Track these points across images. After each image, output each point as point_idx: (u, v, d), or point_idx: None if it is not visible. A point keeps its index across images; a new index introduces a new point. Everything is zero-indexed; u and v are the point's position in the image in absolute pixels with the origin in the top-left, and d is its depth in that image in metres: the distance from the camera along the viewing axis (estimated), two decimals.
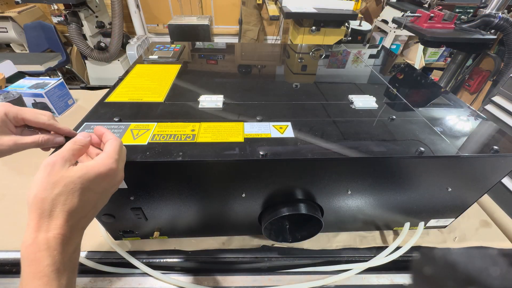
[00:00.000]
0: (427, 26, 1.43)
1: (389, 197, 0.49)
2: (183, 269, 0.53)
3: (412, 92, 0.62)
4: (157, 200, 0.45)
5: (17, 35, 2.16)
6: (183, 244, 0.55)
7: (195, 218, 0.51)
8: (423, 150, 0.41)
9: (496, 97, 1.15)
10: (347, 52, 0.86)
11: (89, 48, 2.06)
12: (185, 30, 2.39)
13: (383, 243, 0.57)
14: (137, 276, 0.50)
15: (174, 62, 0.70)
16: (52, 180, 0.27)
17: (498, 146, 0.43)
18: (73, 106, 0.96)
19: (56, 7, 2.25)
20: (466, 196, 0.51)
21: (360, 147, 0.42)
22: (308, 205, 0.47)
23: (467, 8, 1.81)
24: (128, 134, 0.42)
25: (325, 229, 0.51)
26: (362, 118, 0.49)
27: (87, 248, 0.53)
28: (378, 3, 2.64)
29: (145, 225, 0.50)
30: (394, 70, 0.76)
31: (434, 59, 2.49)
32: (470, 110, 0.54)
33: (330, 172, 0.43)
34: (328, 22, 1.74)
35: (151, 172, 0.40)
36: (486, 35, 1.35)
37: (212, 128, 0.44)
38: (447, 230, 0.60)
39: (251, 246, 0.55)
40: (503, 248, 0.57)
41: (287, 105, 0.53)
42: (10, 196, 0.61)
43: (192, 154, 0.39)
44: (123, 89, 0.56)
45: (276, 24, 2.84)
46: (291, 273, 0.53)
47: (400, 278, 0.53)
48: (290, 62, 0.79)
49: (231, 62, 0.78)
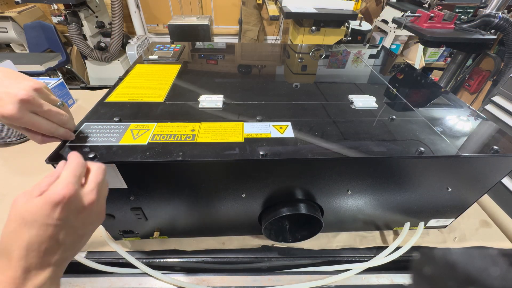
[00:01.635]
0: (427, 26, 1.43)
1: (389, 197, 0.49)
2: (183, 269, 0.53)
3: (412, 92, 0.62)
4: (157, 200, 0.45)
5: (17, 35, 2.16)
6: (183, 244, 0.55)
7: (195, 218, 0.51)
8: (423, 150, 0.41)
9: (496, 97, 1.15)
10: (347, 52, 0.86)
11: (89, 48, 2.06)
12: (185, 30, 2.39)
13: (383, 243, 0.57)
14: (137, 276, 0.50)
15: (174, 62, 0.70)
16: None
17: (498, 146, 0.43)
18: (73, 106, 0.96)
19: (56, 7, 2.25)
20: (466, 196, 0.51)
21: (360, 147, 0.42)
22: (308, 205, 0.47)
23: (467, 8, 1.81)
24: (128, 134, 0.42)
25: (325, 229, 0.51)
26: (362, 118, 0.49)
27: (87, 248, 0.53)
28: (378, 3, 2.64)
29: (145, 225, 0.50)
30: (394, 70, 0.76)
31: (434, 59, 2.49)
32: (470, 110, 0.54)
33: (330, 172, 0.43)
34: (328, 22, 1.74)
35: (151, 172, 0.40)
36: (486, 35, 1.35)
37: (212, 128, 0.44)
38: (447, 230, 0.60)
39: (251, 246, 0.55)
40: (503, 248, 0.57)
41: (287, 105, 0.53)
42: (10, 196, 0.61)
43: (192, 154, 0.39)
44: (123, 89, 0.56)
45: (276, 24, 2.84)
46: (291, 273, 0.53)
47: (400, 278, 0.53)
48: (290, 62, 0.79)
49: (231, 62, 0.78)
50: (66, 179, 0.27)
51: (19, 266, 0.24)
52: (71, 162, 0.29)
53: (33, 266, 0.25)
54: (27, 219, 0.25)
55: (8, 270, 0.24)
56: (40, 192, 0.26)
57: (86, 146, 0.39)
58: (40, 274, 0.25)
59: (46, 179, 0.28)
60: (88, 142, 0.40)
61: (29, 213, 0.25)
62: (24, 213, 0.25)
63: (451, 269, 0.39)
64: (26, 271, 0.24)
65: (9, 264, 0.24)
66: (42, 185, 0.27)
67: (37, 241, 0.25)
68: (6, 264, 0.24)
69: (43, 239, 0.25)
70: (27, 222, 0.25)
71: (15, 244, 0.25)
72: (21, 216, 0.25)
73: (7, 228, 0.25)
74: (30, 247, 0.25)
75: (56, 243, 0.26)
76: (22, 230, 0.25)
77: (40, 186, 0.27)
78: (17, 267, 0.24)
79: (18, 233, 0.25)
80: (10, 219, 0.25)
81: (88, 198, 0.28)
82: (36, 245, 0.25)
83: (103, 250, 0.53)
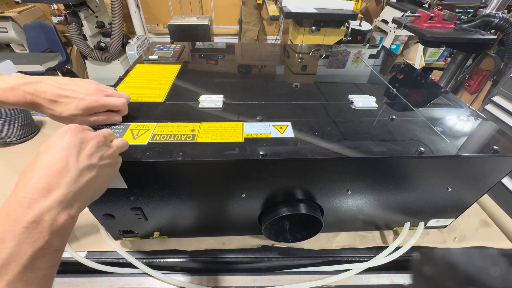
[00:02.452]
0: (427, 26, 1.43)
1: (389, 197, 0.49)
2: (183, 269, 0.53)
3: (412, 92, 0.62)
4: (157, 200, 0.45)
5: (17, 35, 2.16)
6: (183, 244, 0.55)
7: (195, 218, 0.51)
8: (423, 150, 0.41)
9: (496, 97, 1.15)
10: (347, 52, 0.86)
11: (89, 48, 2.06)
12: (185, 30, 2.39)
13: (383, 243, 0.57)
14: (137, 276, 0.51)
15: (174, 62, 0.70)
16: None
17: (498, 146, 0.43)
18: None
19: (56, 7, 2.25)
20: (466, 196, 0.51)
21: (360, 147, 0.42)
22: (308, 205, 0.47)
23: (467, 8, 1.81)
24: (128, 134, 0.42)
25: (325, 229, 0.51)
26: (362, 118, 0.49)
27: (87, 248, 0.53)
28: (378, 3, 2.64)
29: (145, 225, 0.50)
30: (394, 70, 0.76)
31: (434, 59, 2.49)
32: (470, 110, 0.54)
33: (330, 172, 0.43)
34: (328, 22, 1.74)
35: (151, 172, 0.40)
36: (486, 35, 1.35)
37: (212, 128, 0.44)
38: (447, 230, 0.60)
39: (251, 246, 0.55)
40: (503, 248, 0.57)
41: (287, 105, 0.53)
42: None
43: (192, 154, 0.39)
44: (123, 89, 0.56)
45: (276, 24, 2.84)
46: (291, 273, 0.53)
47: (400, 278, 0.53)
48: (290, 62, 0.79)
49: (231, 62, 0.78)
50: (104, 131, 0.34)
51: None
52: (106, 130, 0.35)
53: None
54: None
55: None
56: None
57: None
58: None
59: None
60: None
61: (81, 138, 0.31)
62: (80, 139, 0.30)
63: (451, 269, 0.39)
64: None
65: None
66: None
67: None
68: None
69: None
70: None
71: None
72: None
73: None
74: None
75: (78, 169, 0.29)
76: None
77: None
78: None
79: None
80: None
81: (110, 150, 0.33)
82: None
83: (103, 250, 0.53)
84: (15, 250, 0.22)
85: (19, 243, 0.23)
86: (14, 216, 0.23)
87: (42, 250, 0.24)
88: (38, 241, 0.24)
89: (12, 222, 0.23)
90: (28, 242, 0.23)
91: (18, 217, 0.23)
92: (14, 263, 0.22)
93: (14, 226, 0.23)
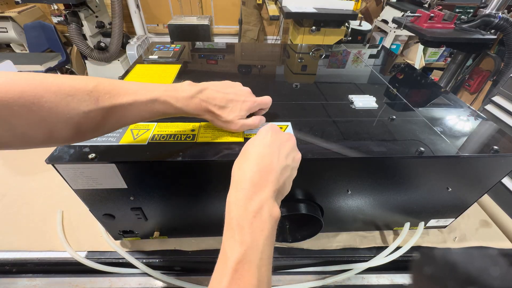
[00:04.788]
0: (427, 26, 1.43)
1: (389, 197, 0.49)
2: (183, 269, 0.53)
3: (412, 92, 0.62)
4: (157, 200, 0.45)
5: (17, 35, 2.16)
6: (183, 244, 0.55)
7: (195, 218, 0.51)
8: (423, 150, 0.41)
9: (496, 97, 1.15)
10: (347, 52, 0.86)
11: (89, 48, 2.06)
12: (185, 30, 2.39)
13: (383, 243, 0.57)
14: (137, 276, 0.51)
15: (174, 62, 0.70)
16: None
17: (498, 146, 0.43)
18: None
19: (56, 7, 2.25)
20: (466, 196, 0.51)
21: (360, 147, 0.42)
22: (308, 205, 0.47)
23: (467, 8, 1.81)
24: (128, 134, 0.42)
25: (325, 229, 0.51)
26: (362, 118, 0.49)
27: (87, 248, 0.53)
28: (378, 3, 2.64)
29: (145, 225, 0.50)
30: (394, 70, 0.76)
31: (434, 59, 2.49)
32: (470, 110, 0.54)
33: (330, 172, 0.43)
34: (328, 22, 1.74)
35: (151, 172, 0.40)
36: (486, 35, 1.35)
37: (212, 128, 0.44)
38: (447, 230, 0.60)
39: None
40: (503, 248, 0.57)
41: (287, 105, 0.53)
42: (10, 196, 0.61)
43: (192, 154, 0.39)
44: None
45: (276, 24, 2.84)
46: (291, 273, 0.53)
47: (400, 278, 0.53)
48: (290, 62, 0.79)
49: (231, 62, 0.78)
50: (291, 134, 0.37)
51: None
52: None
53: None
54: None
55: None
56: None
57: (86, 146, 0.39)
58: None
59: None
60: (88, 142, 0.40)
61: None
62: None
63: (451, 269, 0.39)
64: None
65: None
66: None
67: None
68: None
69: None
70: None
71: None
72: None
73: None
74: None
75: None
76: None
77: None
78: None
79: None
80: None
81: (299, 154, 0.36)
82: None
83: (103, 250, 0.53)
84: (252, 237, 0.24)
85: (252, 231, 0.24)
86: (244, 206, 0.25)
87: (267, 239, 0.25)
88: (265, 230, 0.25)
89: (243, 211, 0.25)
90: (258, 231, 0.24)
91: (247, 207, 0.25)
92: (255, 247, 0.23)
93: (246, 214, 0.24)
